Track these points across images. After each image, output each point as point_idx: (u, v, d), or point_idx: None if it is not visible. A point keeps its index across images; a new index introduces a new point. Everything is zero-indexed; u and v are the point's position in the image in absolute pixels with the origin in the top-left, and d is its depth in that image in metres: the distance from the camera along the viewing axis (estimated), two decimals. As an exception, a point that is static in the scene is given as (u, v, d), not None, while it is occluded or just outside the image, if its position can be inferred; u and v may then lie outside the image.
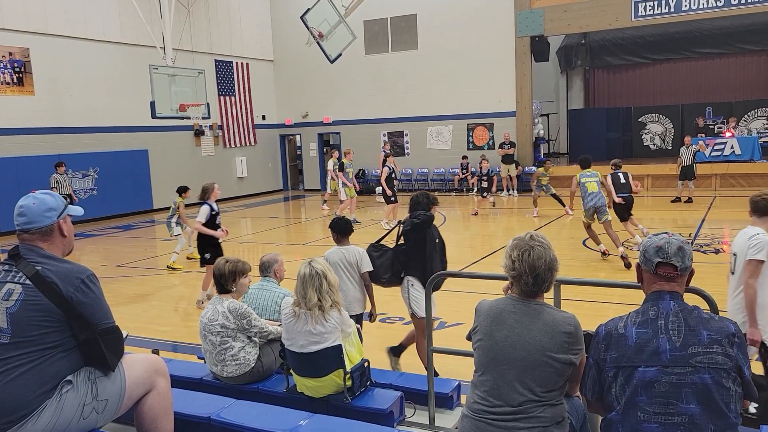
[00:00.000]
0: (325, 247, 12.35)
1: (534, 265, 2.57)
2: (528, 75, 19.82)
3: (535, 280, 2.58)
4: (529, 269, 2.57)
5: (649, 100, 24.16)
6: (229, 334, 4.10)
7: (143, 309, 8.57)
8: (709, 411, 2.22)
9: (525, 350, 2.53)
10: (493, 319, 2.64)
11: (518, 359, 2.54)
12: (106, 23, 17.45)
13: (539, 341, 2.53)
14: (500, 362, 2.57)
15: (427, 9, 20.85)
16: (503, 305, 2.67)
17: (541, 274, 2.58)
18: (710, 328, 2.28)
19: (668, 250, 2.36)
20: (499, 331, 2.60)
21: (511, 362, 2.55)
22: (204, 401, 3.62)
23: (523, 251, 2.60)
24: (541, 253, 2.59)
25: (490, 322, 2.65)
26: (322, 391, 3.83)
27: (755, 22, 20.74)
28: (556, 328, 2.55)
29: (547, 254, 2.59)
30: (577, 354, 2.57)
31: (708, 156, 18.08)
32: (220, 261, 4.32)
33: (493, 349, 2.60)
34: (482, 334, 2.65)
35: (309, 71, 22.66)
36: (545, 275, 2.58)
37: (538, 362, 2.52)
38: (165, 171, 19.16)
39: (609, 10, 18.43)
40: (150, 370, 2.86)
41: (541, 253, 2.59)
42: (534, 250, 2.59)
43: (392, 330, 6.86)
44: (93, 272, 2.70)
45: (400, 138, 21.96)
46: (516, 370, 2.53)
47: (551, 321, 2.57)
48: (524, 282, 2.60)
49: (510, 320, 2.60)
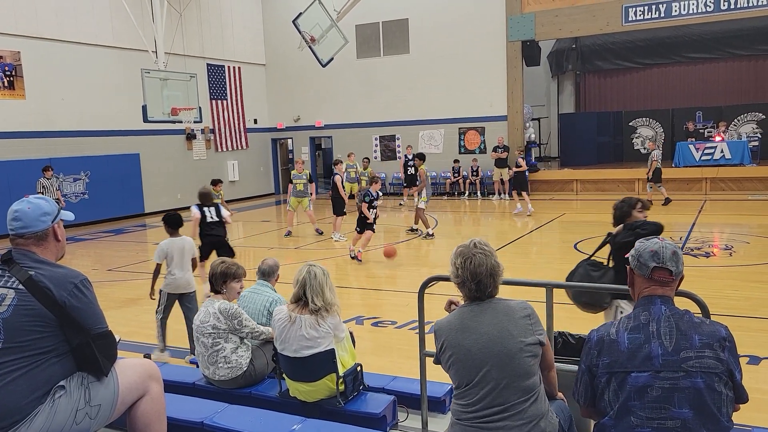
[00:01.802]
0: (318, 252, 12.40)
1: (475, 272, 2.67)
2: (519, 79, 19.90)
3: (477, 286, 2.68)
4: (471, 276, 2.67)
5: (640, 104, 24.30)
6: (221, 335, 4.10)
7: (135, 313, 8.53)
8: (702, 415, 2.23)
9: (499, 345, 2.60)
10: (457, 330, 2.70)
11: (495, 356, 2.59)
12: (97, 27, 17.39)
13: (507, 331, 2.61)
14: (480, 366, 2.61)
15: (419, 13, 20.91)
16: (459, 315, 2.75)
17: (483, 280, 2.67)
18: (702, 333, 2.30)
19: (663, 255, 2.38)
20: (466, 338, 2.66)
21: (490, 362, 2.59)
22: (197, 406, 3.62)
23: (466, 259, 2.70)
24: (482, 260, 2.68)
25: (455, 334, 2.70)
26: (314, 396, 3.83)
27: (744, 27, 20.92)
28: (515, 314, 2.66)
29: (489, 261, 2.68)
30: (542, 333, 2.68)
31: (698, 160, 18.23)
32: (216, 261, 4.32)
33: (468, 358, 2.64)
34: (452, 349, 2.70)
35: (301, 75, 22.67)
36: (487, 281, 2.68)
37: (514, 351, 2.58)
38: (157, 175, 19.11)
39: (599, 15, 18.55)
40: (143, 375, 2.85)
41: (482, 260, 2.68)
42: (475, 258, 2.68)
43: (384, 334, 6.86)
44: (86, 277, 2.70)
45: (392, 142, 21.99)
46: (497, 368, 2.58)
47: (508, 310, 2.68)
48: (468, 288, 2.70)
49: (472, 324, 2.67)
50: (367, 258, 11.25)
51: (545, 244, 12.33)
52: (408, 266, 10.58)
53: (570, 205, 17.24)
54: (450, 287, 7.78)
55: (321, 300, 3.74)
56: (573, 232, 12.73)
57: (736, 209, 14.84)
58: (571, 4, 18.90)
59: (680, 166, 18.42)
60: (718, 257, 10.01)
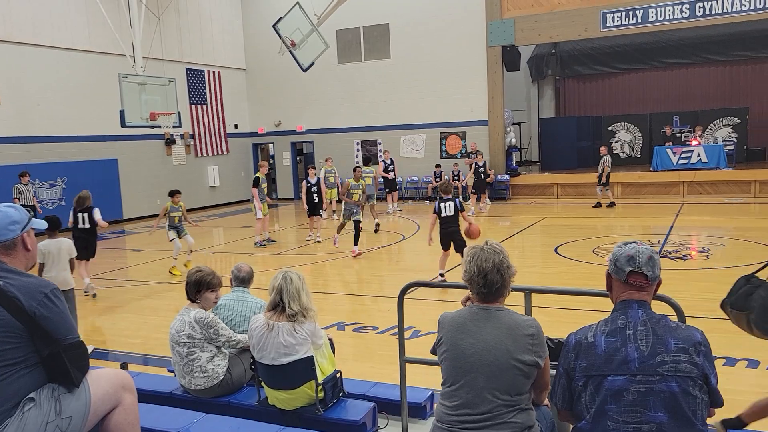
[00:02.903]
0: (299, 257, 12.33)
1: (481, 266, 2.67)
2: (500, 84, 20.02)
3: (485, 281, 2.67)
4: (478, 271, 2.67)
5: (618, 109, 24.58)
6: (196, 345, 4.03)
7: (112, 321, 8.42)
8: (677, 419, 2.24)
9: (492, 356, 2.57)
10: (457, 329, 2.68)
11: (486, 365, 2.57)
12: (73, 31, 17.20)
13: (504, 345, 2.58)
14: (468, 371, 2.59)
15: (400, 18, 20.96)
16: (465, 315, 2.73)
17: (489, 275, 2.66)
18: (677, 337, 2.31)
19: (639, 259, 2.39)
20: (463, 340, 2.64)
21: (480, 369, 2.57)
22: (173, 416, 3.56)
23: (473, 255, 2.72)
24: (488, 255, 2.69)
25: (454, 333, 2.69)
26: (293, 404, 3.79)
27: (720, 33, 21.28)
28: (519, 330, 2.61)
29: (496, 257, 2.69)
30: (541, 356, 2.63)
31: (676, 164, 18.46)
32: (192, 269, 4.23)
33: (460, 359, 2.62)
34: (448, 345, 2.69)
35: (282, 80, 22.60)
36: (494, 277, 2.66)
37: (505, 366, 2.55)
38: (135, 180, 18.91)
39: (578, 20, 18.73)
40: (116, 386, 2.79)
41: (488, 256, 2.68)
42: (483, 253, 2.70)
43: (366, 339, 6.83)
44: (57, 286, 2.64)
45: (374, 146, 21.99)
46: (485, 376, 2.56)
47: (513, 324, 2.63)
48: (476, 284, 2.69)
49: (473, 328, 2.65)
50: (348, 263, 11.22)
51: (526, 247, 12.39)
52: (389, 271, 10.56)
53: (550, 209, 17.35)
54: (435, 293, 7.76)
55: (298, 305, 3.71)
56: (554, 236, 12.80)
57: (713, 212, 15.04)
58: (550, 10, 19.08)
59: (658, 170, 18.64)
60: (696, 260, 10.13)
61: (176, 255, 11.01)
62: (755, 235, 11.59)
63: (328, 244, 13.35)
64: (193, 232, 11.58)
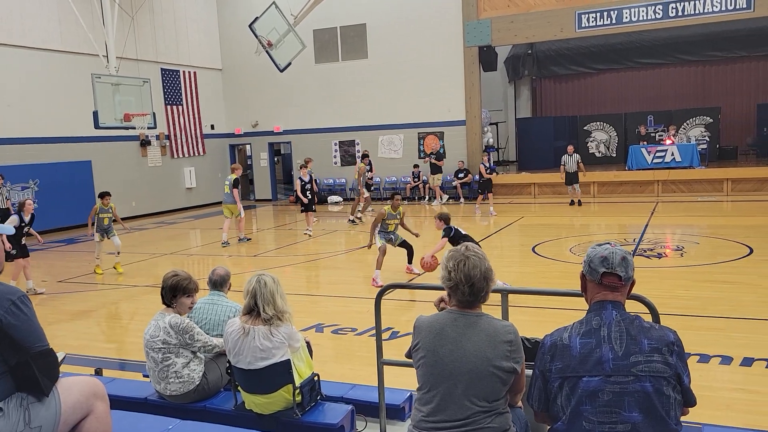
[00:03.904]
0: (277, 259, 12.25)
1: (470, 274, 2.60)
2: (477, 84, 20.11)
3: (471, 290, 2.61)
4: (465, 279, 2.60)
5: (594, 108, 24.84)
6: (171, 350, 3.97)
7: (87, 326, 8.28)
8: (651, 418, 2.26)
9: (471, 363, 2.54)
10: (435, 335, 2.64)
11: (464, 373, 2.54)
12: (45, 31, 16.90)
13: (483, 352, 2.55)
14: (447, 378, 2.56)
15: (377, 18, 20.95)
16: (443, 320, 2.68)
17: (477, 284, 2.60)
18: (651, 337, 2.33)
19: (613, 260, 2.40)
20: (442, 346, 2.60)
21: (458, 376, 2.55)
22: (147, 422, 3.50)
23: (459, 261, 2.63)
24: (476, 262, 2.62)
25: (432, 338, 2.64)
26: (271, 408, 3.75)
27: (693, 34, 21.61)
28: (498, 337, 2.58)
29: (483, 264, 2.63)
30: (519, 361, 2.61)
31: (650, 163, 18.71)
32: (168, 273, 4.15)
33: (438, 365, 2.59)
34: (425, 351, 2.65)
35: (258, 80, 22.46)
36: (481, 284, 2.61)
37: (484, 374, 2.53)
38: (110, 182, 18.57)
39: (554, 21, 18.89)
40: (87, 394, 2.74)
41: (476, 263, 2.62)
42: (470, 260, 2.62)
43: (344, 341, 6.80)
44: (25, 293, 2.58)
45: (352, 147, 21.95)
46: (463, 383, 2.54)
47: (492, 330, 2.60)
48: (461, 292, 2.62)
49: (453, 334, 2.61)
50: (326, 264, 11.18)
51: (504, 247, 12.45)
52: (368, 273, 10.54)
53: (528, 209, 17.47)
54: (412, 293, 7.75)
55: (272, 308, 3.67)
56: (531, 236, 12.89)
57: (687, 211, 15.26)
58: (526, 11, 19.21)
59: (633, 168, 18.87)
60: (670, 258, 10.26)
61: (98, 255, 11.05)
62: (728, 233, 11.78)
63: (311, 245, 13.31)
64: (163, 235, 11.55)
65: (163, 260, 12.26)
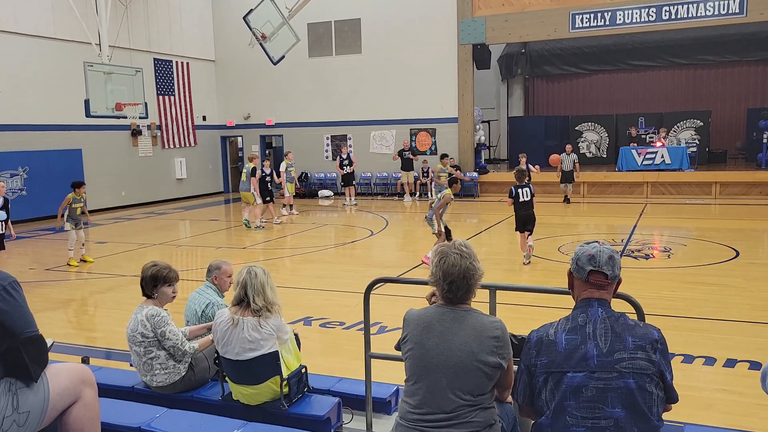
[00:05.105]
0: (267, 252, 12.24)
1: (447, 272, 2.60)
2: (470, 82, 20.15)
3: (449, 287, 2.62)
4: (443, 276, 2.61)
5: (586, 109, 24.93)
6: (152, 343, 3.95)
7: (74, 314, 8.26)
8: (633, 414, 2.30)
9: (456, 357, 2.57)
10: (423, 328, 2.66)
11: (450, 366, 2.57)
12: (37, 18, 16.75)
13: (469, 347, 2.57)
14: (432, 370, 2.59)
15: (372, 14, 20.92)
16: (431, 313, 2.70)
17: (456, 281, 2.60)
18: (635, 335, 2.36)
19: (600, 258, 2.44)
20: (429, 339, 2.63)
21: (443, 370, 2.57)
22: (134, 411, 3.51)
23: (441, 258, 2.64)
24: (456, 260, 2.61)
25: (420, 331, 2.67)
26: (258, 399, 3.77)
27: (684, 37, 21.76)
28: (484, 332, 2.60)
29: (464, 262, 2.61)
30: (505, 357, 2.63)
31: (640, 164, 18.83)
32: (147, 264, 4.12)
33: (424, 358, 2.62)
34: (413, 344, 2.67)
35: (251, 72, 22.38)
36: (459, 283, 2.61)
37: (469, 368, 2.56)
38: (100, 171, 18.54)
39: (548, 21, 18.94)
40: (76, 380, 2.74)
41: (456, 261, 2.60)
42: (449, 258, 2.62)
43: (332, 335, 6.83)
44: (15, 279, 2.58)
45: (344, 141, 21.93)
46: (448, 377, 2.56)
47: (479, 326, 2.62)
48: (441, 288, 2.64)
49: (439, 328, 2.63)
50: (314, 258, 11.20)
51: (494, 244, 12.50)
52: (358, 266, 10.57)
53: (518, 207, 17.49)
54: (401, 288, 7.79)
55: (262, 299, 3.68)
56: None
57: (675, 213, 15.38)
58: (520, 10, 19.25)
59: (623, 170, 18.98)
60: (658, 259, 10.35)
61: (72, 246, 10.90)
62: (715, 236, 11.89)
63: (299, 239, 13.32)
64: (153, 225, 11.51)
65: (151, 250, 12.22)
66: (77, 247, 11.08)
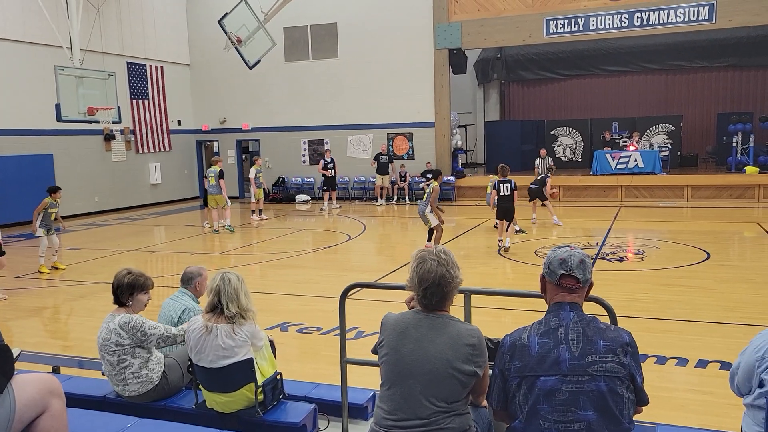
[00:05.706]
0: (245, 257, 12.15)
1: (423, 277, 2.58)
2: (446, 87, 20.24)
3: (424, 293, 2.59)
4: (419, 281, 2.59)
5: (561, 114, 25.23)
6: (127, 352, 3.89)
7: (45, 322, 8.10)
8: (605, 417, 2.31)
9: (430, 364, 2.56)
10: (399, 334, 2.65)
11: (424, 373, 2.56)
12: (6, 20, 16.45)
13: (444, 354, 2.56)
14: (407, 376, 2.58)
15: (348, 18, 20.92)
16: (408, 319, 2.68)
17: (430, 288, 2.57)
18: (606, 338, 2.38)
19: (571, 263, 2.45)
20: (404, 345, 2.62)
21: (418, 376, 2.56)
22: (105, 421, 3.45)
23: (419, 263, 2.61)
24: (432, 267, 2.57)
25: (396, 337, 2.65)
26: (232, 407, 3.73)
27: (657, 43, 22.14)
28: (460, 340, 2.59)
29: (440, 269, 2.58)
30: (481, 366, 2.62)
31: (614, 168, 19.09)
32: (121, 272, 4.06)
33: (399, 364, 2.61)
34: (388, 349, 2.66)
35: (227, 77, 22.23)
36: (434, 289, 2.58)
37: (443, 375, 2.55)
38: (72, 176, 18.24)
39: (522, 26, 19.12)
40: (43, 391, 2.68)
41: (432, 268, 2.57)
42: (426, 264, 2.59)
43: (309, 340, 6.79)
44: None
45: (321, 146, 21.88)
46: (422, 384, 2.55)
47: (455, 333, 2.61)
48: (417, 293, 2.62)
49: (415, 334, 2.62)
50: (291, 263, 11.14)
51: (470, 248, 12.54)
52: (335, 271, 10.53)
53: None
54: (378, 293, 7.76)
55: (236, 306, 3.64)
56: (497, 238, 13.00)
57: (648, 216, 15.60)
58: (496, 15, 19.41)
59: (598, 173, 19.22)
60: (631, 262, 10.47)
61: (43, 253, 10.77)
62: (687, 238, 12.08)
63: (277, 244, 13.24)
64: (127, 231, 11.38)
65: (125, 257, 12.06)
66: (49, 254, 10.89)
